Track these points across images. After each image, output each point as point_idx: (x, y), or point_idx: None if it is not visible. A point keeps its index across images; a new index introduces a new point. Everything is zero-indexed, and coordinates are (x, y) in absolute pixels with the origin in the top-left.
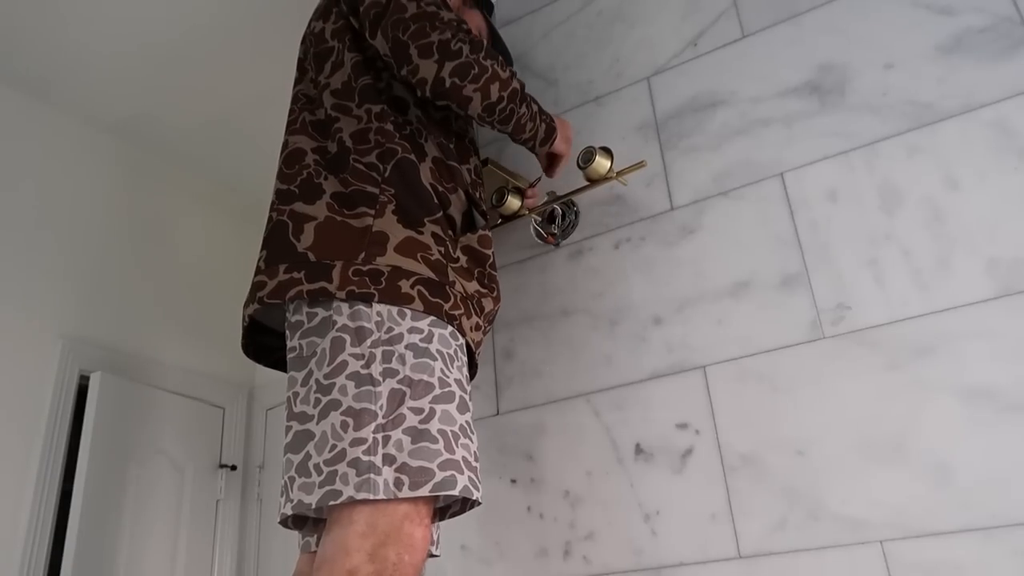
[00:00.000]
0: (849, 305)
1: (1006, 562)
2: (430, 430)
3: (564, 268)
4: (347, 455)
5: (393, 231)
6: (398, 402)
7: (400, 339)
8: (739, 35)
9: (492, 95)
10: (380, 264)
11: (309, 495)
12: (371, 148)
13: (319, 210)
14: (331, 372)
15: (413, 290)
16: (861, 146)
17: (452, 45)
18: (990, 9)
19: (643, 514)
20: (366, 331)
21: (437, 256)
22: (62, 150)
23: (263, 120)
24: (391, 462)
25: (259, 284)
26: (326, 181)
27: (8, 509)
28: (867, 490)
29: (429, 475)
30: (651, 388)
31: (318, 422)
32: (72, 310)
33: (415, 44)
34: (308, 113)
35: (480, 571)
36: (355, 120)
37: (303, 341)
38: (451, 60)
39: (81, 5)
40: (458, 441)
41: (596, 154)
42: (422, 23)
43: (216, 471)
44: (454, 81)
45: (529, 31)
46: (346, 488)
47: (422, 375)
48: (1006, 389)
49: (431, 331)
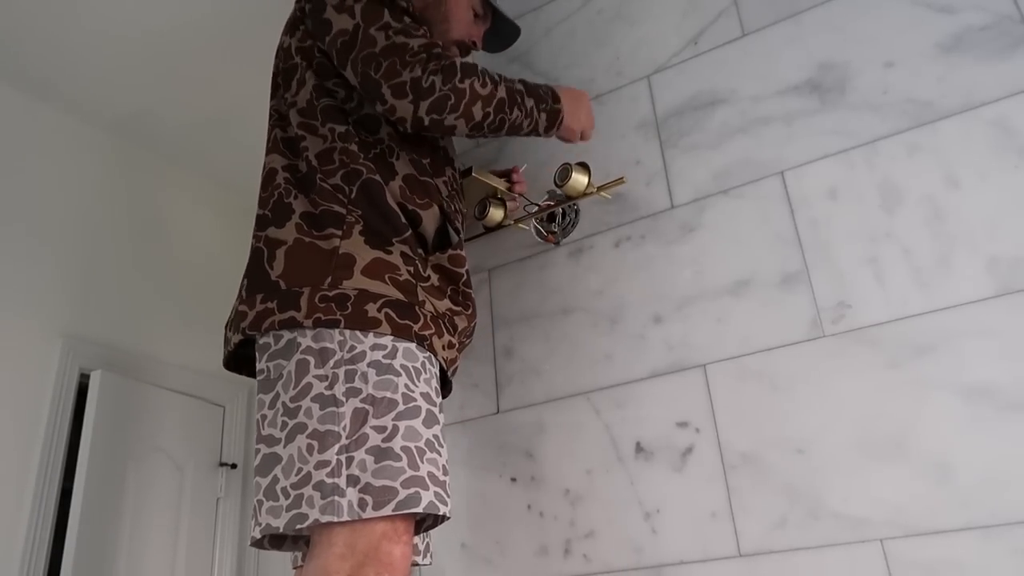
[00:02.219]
0: (849, 303)
1: (1006, 560)
2: (393, 448)
3: (564, 266)
4: (312, 478)
5: (360, 252)
6: (361, 422)
7: (363, 357)
8: (739, 33)
9: (476, 115)
10: (347, 288)
11: (276, 519)
12: (336, 169)
13: (288, 232)
14: (297, 395)
15: (380, 313)
16: (861, 144)
17: (424, 82)
18: (990, 7)
19: (643, 512)
20: (329, 351)
21: (406, 276)
22: (61, 148)
23: (262, 118)
24: (355, 483)
25: (241, 314)
26: (296, 200)
27: (8, 507)
28: (867, 488)
29: (392, 494)
30: (651, 386)
31: (285, 445)
32: (72, 308)
33: (387, 84)
34: (280, 130)
35: (480, 570)
36: (320, 139)
37: (270, 364)
38: (425, 98)
39: (80, 3)
40: (424, 456)
41: (572, 171)
42: (392, 59)
43: (216, 469)
44: (432, 117)
45: (530, 29)
46: (311, 511)
47: (385, 392)
48: (1006, 388)
49: (395, 346)
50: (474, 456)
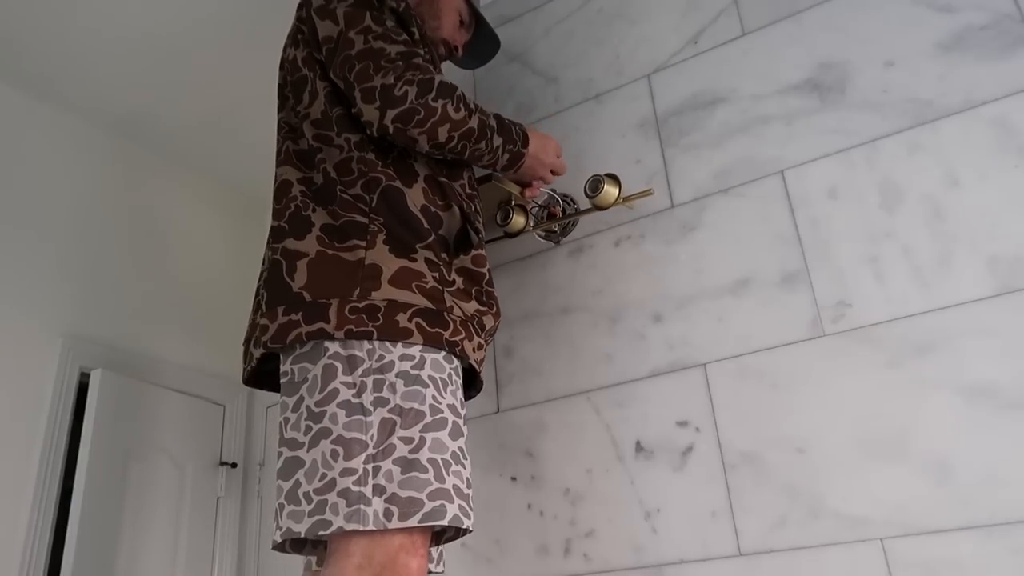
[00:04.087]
0: (849, 303)
1: (1006, 560)
2: (420, 459)
3: (564, 266)
4: (337, 485)
5: (386, 262)
6: (388, 432)
7: (391, 367)
8: (739, 32)
9: (440, 137)
10: (376, 299)
11: (298, 523)
12: (356, 179)
13: (310, 245)
14: (322, 400)
15: (411, 323)
16: (861, 144)
17: (396, 90)
18: (990, 7)
19: (643, 511)
20: (358, 359)
21: (432, 283)
22: (61, 148)
23: (263, 117)
24: (381, 492)
25: (262, 328)
26: (314, 213)
27: (8, 507)
28: (867, 488)
29: (418, 505)
30: (651, 386)
31: (308, 449)
32: (72, 308)
33: (359, 87)
34: (292, 143)
35: (481, 569)
36: (337, 150)
37: (295, 367)
38: (393, 107)
39: (80, 3)
40: (449, 469)
41: (604, 183)
42: (366, 63)
43: (216, 468)
44: (397, 126)
45: (530, 29)
46: (336, 518)
47: (413, 403)
48: (1006, 387)
49: (423, 356)
50: (474, 455)
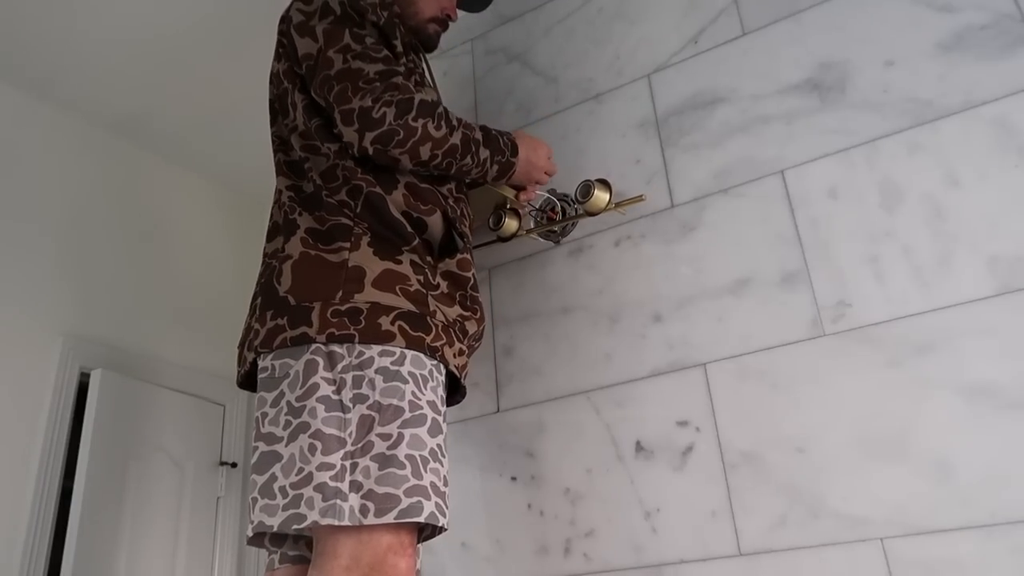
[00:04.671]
0: (850, 302)
1: (1006, 559)
2: (398, 456)
3: (564, 265)
4: (314, 479)
5: (370, 264)
6: (367, 428)
7: (371, 363)
8: (739, 32)
9: (423, 155)
10: (358, 301)
11: (271, 517)
12: (340, 185)
13: (294, 246)
14: (303, 394)
15: (394, 326)
16: (862, 143)
17: (374, 112)
18: (990, 6)
19: (643, 511)
20: (338, 355)
21: (417, 286)
22: (61, 147)
23: (263, 117)
24: (358, 489)
25: (254, 332)
26: (301, 217)
27: (8, 506)
28: (867, 487)
29: (395, 502)
30: (651, 385)
31: (286, 444)
32: (72, 307)
33: (338, 109)
34: (283, 155)
35: (480, 568)
36: (323, 158)
37: (276, 362)
38: (371, 130)
39: (80, 3)
40: (427, 466)
41: (594, 188)
42: (344, 84)
43: (216, 468)
44: (377, 147)
45: (530, 28)
46: (311, 512)
47: (392, 399)
48: (1006, 386)
49: (403, 353)
50: (474, 455)
